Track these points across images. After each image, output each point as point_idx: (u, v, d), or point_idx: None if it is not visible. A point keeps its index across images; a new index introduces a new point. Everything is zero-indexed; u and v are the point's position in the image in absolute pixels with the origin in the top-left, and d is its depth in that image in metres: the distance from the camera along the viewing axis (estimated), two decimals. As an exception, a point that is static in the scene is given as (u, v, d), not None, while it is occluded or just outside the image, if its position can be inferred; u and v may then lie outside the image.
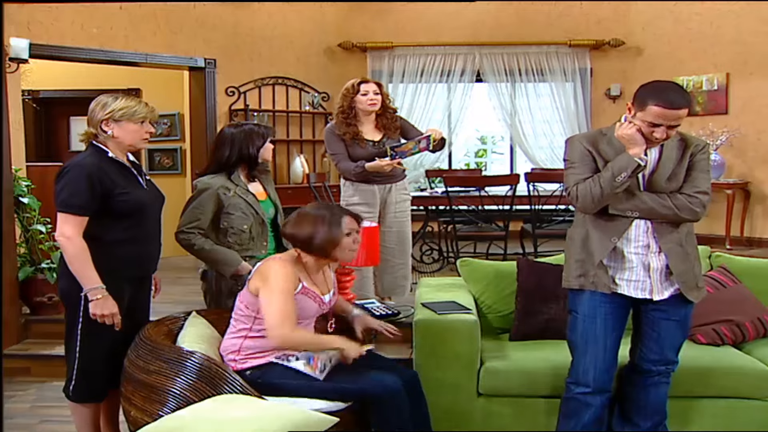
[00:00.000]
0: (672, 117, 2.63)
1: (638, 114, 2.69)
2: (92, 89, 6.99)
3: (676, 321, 2.91)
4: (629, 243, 2.83)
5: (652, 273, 2.83)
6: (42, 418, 3.89)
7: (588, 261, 2.87)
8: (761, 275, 3.82)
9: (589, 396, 2.94)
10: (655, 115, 2.63)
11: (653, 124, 2.65)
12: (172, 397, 2.56)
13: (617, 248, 2.83)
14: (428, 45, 8.39)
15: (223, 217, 3.32)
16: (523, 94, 8.50)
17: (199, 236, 3.30)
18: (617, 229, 2.82)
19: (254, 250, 3.37)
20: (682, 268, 2.83)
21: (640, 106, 2.68)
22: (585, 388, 2.94)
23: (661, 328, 2.91)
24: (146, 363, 2.70)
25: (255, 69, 7.88)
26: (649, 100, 2.64)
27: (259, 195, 3.45)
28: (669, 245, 2.81)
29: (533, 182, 5.86)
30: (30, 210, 4.96)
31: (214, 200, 3.29)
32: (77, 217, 2.79)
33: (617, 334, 2.93)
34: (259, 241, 3.38)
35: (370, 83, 4.46)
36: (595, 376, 2.91)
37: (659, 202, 2.77)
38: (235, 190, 3.33)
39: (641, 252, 2.83)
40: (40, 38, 6.18)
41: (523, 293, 3.63)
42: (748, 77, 7.39)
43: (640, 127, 2.68)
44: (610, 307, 2.88)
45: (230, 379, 2.58)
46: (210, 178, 3.36)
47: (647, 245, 2.82)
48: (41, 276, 4.92)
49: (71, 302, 2.89)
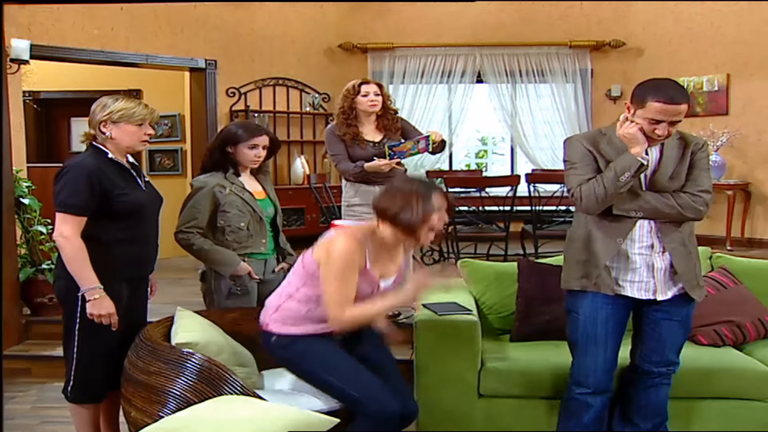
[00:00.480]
0: (672, 112, 2.62)
1: (638, 112, 2.68)
2: (93, 90, 7.02)
3: (678, 321, 2.91)
4: (633, 244, 2.82)
5: (656, 273, 2.82)
6: (43, 419, 3.89)
7: (591, 262, 2.85)
8: (762, 276, 3.82)
9: (589, 396, 2.94)
10: (656, 111, 2.63)
11: (654, 121, 2.65)
12: (172, 398, 2.56)
13: (621, 249, 2.82)
14: (429, 46, 8.40)
15: (220, 215, 3.32)
16: (523, 94, 8.51)
17: (198, 236, 3.30)
18: (621, 229, 2.80)
19: (253, 247, 3.37)
20: (686, 267, 2.83)
21: (640, 103, 2.68)
22: (585, 389, 2.94)
23: (662, 328, 2.91)
24: (146, 364, 2.70)
25: (255, 70, 7.89)
26: (649, 96, 2.64)
27: (258, 194, 3.45)
28: (673, 245, 2.81)
29: (534, 183, 5.85)
30: (31, 211, 4.96)
31: (210, 199, 3.30)
32: (76, 217, 2.79)
33: (618, 335, 2.92)
34: (257, 238, 3.38)
35: (371, 84, 4.46)
36: (596, 378, 2.91)
37: (663, 202, 2.77)
38: (231, 188, 3.33)
39: (645, 252, 2.82)
40: (41, 39, 6.19)
41: (524, 294, 3.63)
42: (748, 78, 7.38)
43: (641, 125, 2.68)
44: (611, 309, 2.87)
45: (230, 380, 2.57)
46: (206, 177, 3.37)
47: (651, 245, 2.81)
48: (42, 277, 4.92)
49: (68, 303, 2.89)
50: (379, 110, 4.46)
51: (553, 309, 3.52)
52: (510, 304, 3.69)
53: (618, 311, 2.89)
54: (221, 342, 2.96)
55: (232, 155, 3.38)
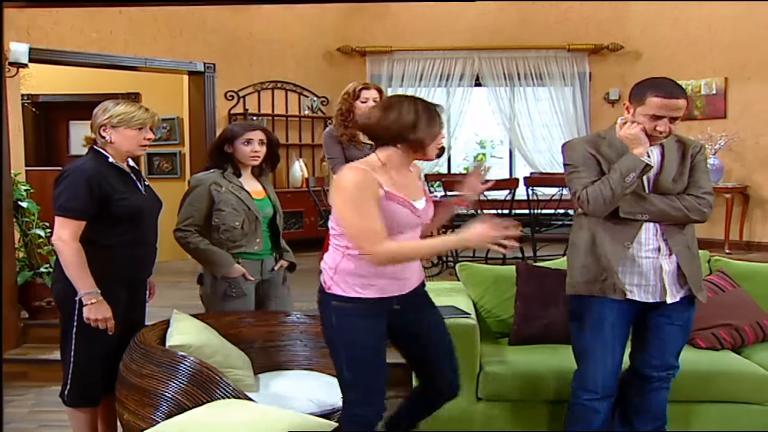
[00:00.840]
0: (672, 107, 2.64)
1: (639, 109, 2.69)
2: (92, 93, 7.03)
3: (680, 326, 2.90)
4: (640, 247, 2.81)
5: (664, 276, 2.81)
6: (40, 423, 3.88)
7: (597, 266, 2.84)
8: (760, 279, 3.82)
9: (596, 402, 2.92)
10: (657, 106, 2.64)
11: (655, 117, 2.66)
12: (165, 401, 2.57)
13: (628, 253, 2.81)
14: (427, 49, 8.41)
15: (215, 213, 3.33)
16: (522, 98, 8.52)
17: (195, 234, 3.31)
18: (628, 233, 2.79)
19: (246, 247, 3.37)
20: (691, 269, 2.83)
21: (639, 100, 2.69)
22: (593, 395, 2.91)
23: (665, 333, 2.89)
24: (139, 367, 2.71)
25: (254, 73, 7.90)
26: (648, 92, 2.66)
27: (258, 194, 3.46)
28: (678, 247, 2.81)
29: (532, 186, 5.86)
30: (29, 214, 4.96)
31: (206, 196, 3.33)
32: (75, 221, 2.79)
33: (623, 339, 2.92)
34: (251, 237, 3.38)
35: (371, 90, 4.45)
36: (603, 383, 2.89)
37: (669, 204, 2.76)
38: (227, 187, 3.35)
39: (652, 256, 2.81)
40: (39, 43, 6.19)
41: (523, 297, 3.63)
42: (746, 81, 7.40)
43: (642, 125, 2.68)
44: (617, 313, 2.86)
45: (222, 384, 2.58)
46: (203, 175, 3.40)
47: (657, 248, 2.81)
48: (40, 280, 4.92)
49: (66, 306, 2.89)
50: (377, 114, 4.47)
51: (552, 312, 3.53)
52: (508, 307, 3.69)
53: (623, 315, 2.88)
54: (216, 344, 2.96)
55: (232, 155, 3.40)
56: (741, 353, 3.53)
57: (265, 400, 2.81)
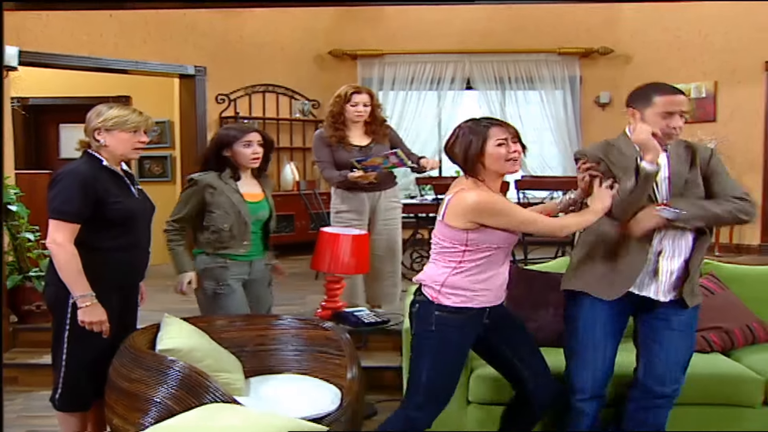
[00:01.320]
0: (680, 102, 2.70)
1: (647, 112, 2.71)
2: (82, 96, 7.01)
3: (680, 332, 2.89)
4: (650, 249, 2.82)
5: (660, 275, 2.81)
6: (29, 428, 3.86)
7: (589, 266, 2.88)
8: (749, 282, 3.84)
9: (585, 402, 2.93)
10: (666, 103, 2.68)
11: (667, 114, 2.68)
12: (154, 406, 2.56)
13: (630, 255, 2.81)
14: (418, 53, 8.42)
15: (206, 214, 3.38)
16: (512, 101, 8.55)
17: (175, 232, 3.39)
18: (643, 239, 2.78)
19: (232, 249, 3.39)
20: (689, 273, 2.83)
21: (646, 103, 2.72)
22: (582, 395, 2.93)
23: (663, 337, 2.88)
24: (128, 371, 2.70)
25: (245, 76, 7.89)
26: (652, 93, 2.71)
27: (255, 196, 3.48)
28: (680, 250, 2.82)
29: (523, 189, 5.87)
30: (18, 218, 4.93)
31: (198, 197, 3.37)
32: (69, 224, 2.79)
33: (616, 341, 2.93)
34: (238, 239, 3.40)
35: (363, 94, 4.47)
36: (593, 383, 2.91)
37: (722, 208, 2.75)
38: (221, 188, 3.36)
39: (653, 258, 2.81)
40: (29, 45, 6.16)
41: (513, 301, 3.62)
42: (736, 85, 7.44)
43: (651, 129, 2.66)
44: (609, 314, 2.87)
45: (211, 388, 2.57)
46: (200, 175, 3.42)
47: (660, 252, 2.81)
48: (29, 284, 4.89)
49: (58, 309, 2.88)
50: (367, 117, 4.48)
51: (542, 315, 3.53)
52: (499, 310, 3.69)
53: (616, 316, 2.89)
54: (206, 348, 2.96)
55: (231, 158, 3.41)
56: (730, 356, 3.55)
57: (256, 404, 2.81)
